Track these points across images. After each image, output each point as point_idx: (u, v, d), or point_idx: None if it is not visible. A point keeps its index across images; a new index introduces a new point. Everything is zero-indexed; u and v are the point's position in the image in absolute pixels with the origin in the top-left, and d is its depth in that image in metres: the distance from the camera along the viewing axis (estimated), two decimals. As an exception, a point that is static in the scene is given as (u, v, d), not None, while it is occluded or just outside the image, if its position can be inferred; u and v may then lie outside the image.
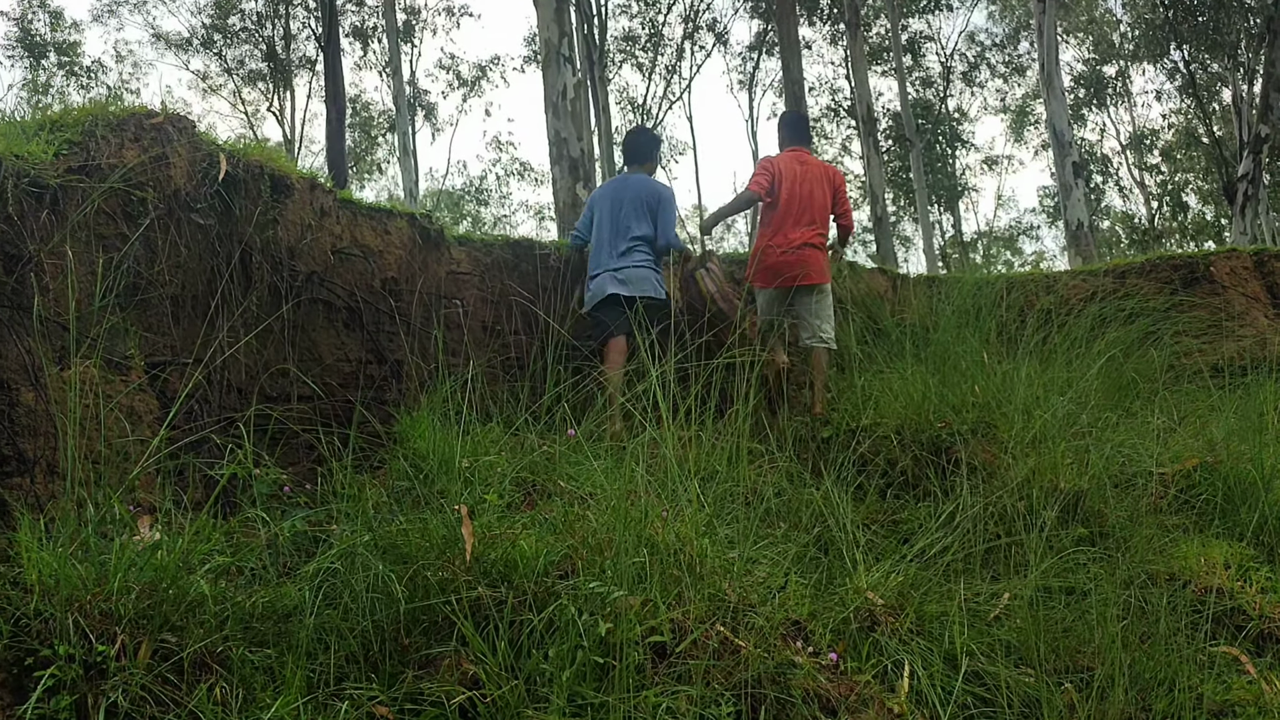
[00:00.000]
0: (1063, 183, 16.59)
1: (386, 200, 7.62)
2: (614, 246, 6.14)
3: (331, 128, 15.18)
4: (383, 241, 5.54)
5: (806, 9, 32.08)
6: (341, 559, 2.93)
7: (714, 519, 3.56)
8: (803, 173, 6.53)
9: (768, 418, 6.03)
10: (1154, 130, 40.02)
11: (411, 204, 23.54)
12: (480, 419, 4.90)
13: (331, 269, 5.22)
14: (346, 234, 5.35)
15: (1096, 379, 5.60)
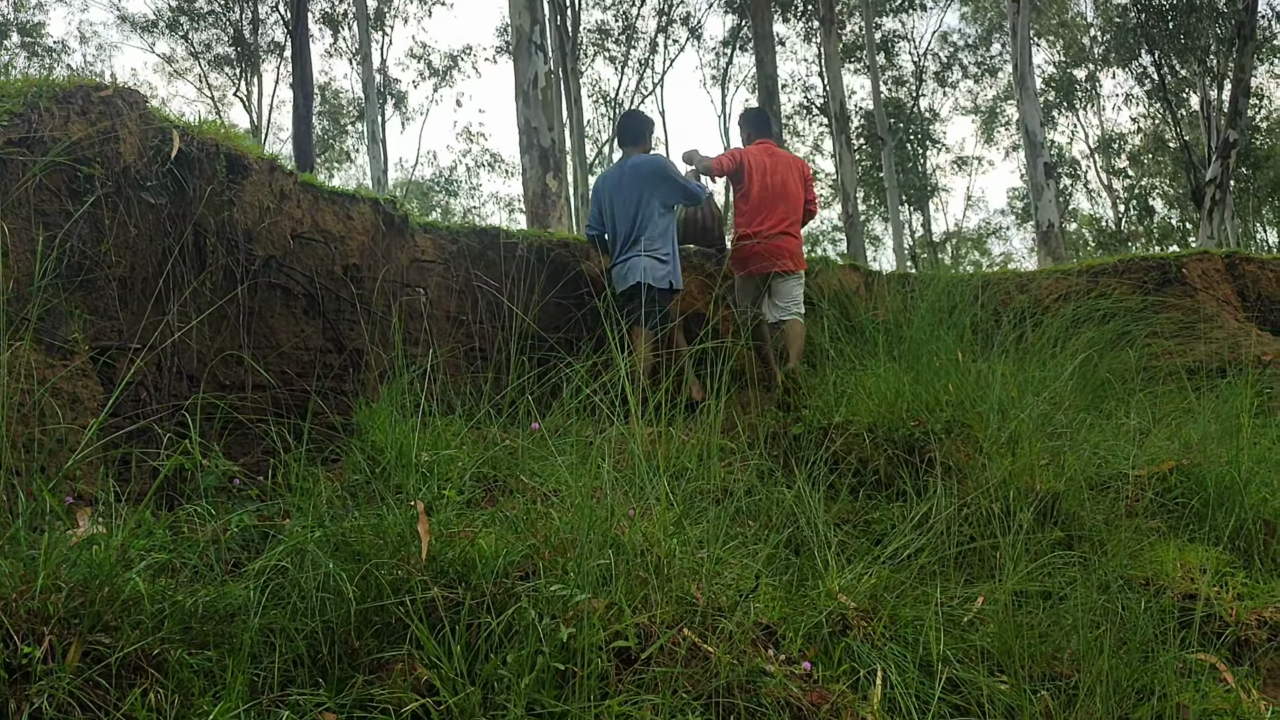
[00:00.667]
0: (1034, 183, 16.59)
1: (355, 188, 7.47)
2: (626, 236, 6.36)
3: (298, 112, 14.93)
4: (345, 227, 5.37)
5: (781, 5, 32.03)
6: (290, 556, 2.78)
7: (683, 518, 3.43)
8: (773, 164, 6.82)
9: (738, 414, 5.92)
10: (1122, 134, 40.37)
11: (379, 192, 23.27)
12: (442, 411, 4.76)
13: (291, 253, 5.04)
14: (308, 218, 5.17)
15: (1071, 379, 5.52)
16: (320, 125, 34.93)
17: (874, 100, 29.38)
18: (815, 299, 7.15)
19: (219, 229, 4.39)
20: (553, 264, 6.42)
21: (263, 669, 2.48)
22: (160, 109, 4.22)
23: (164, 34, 29.17)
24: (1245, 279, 8.66)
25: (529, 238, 6.35)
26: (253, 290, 4.80)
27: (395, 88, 32.43)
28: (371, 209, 5.50)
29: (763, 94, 15.84)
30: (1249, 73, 18.96)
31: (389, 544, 2.82)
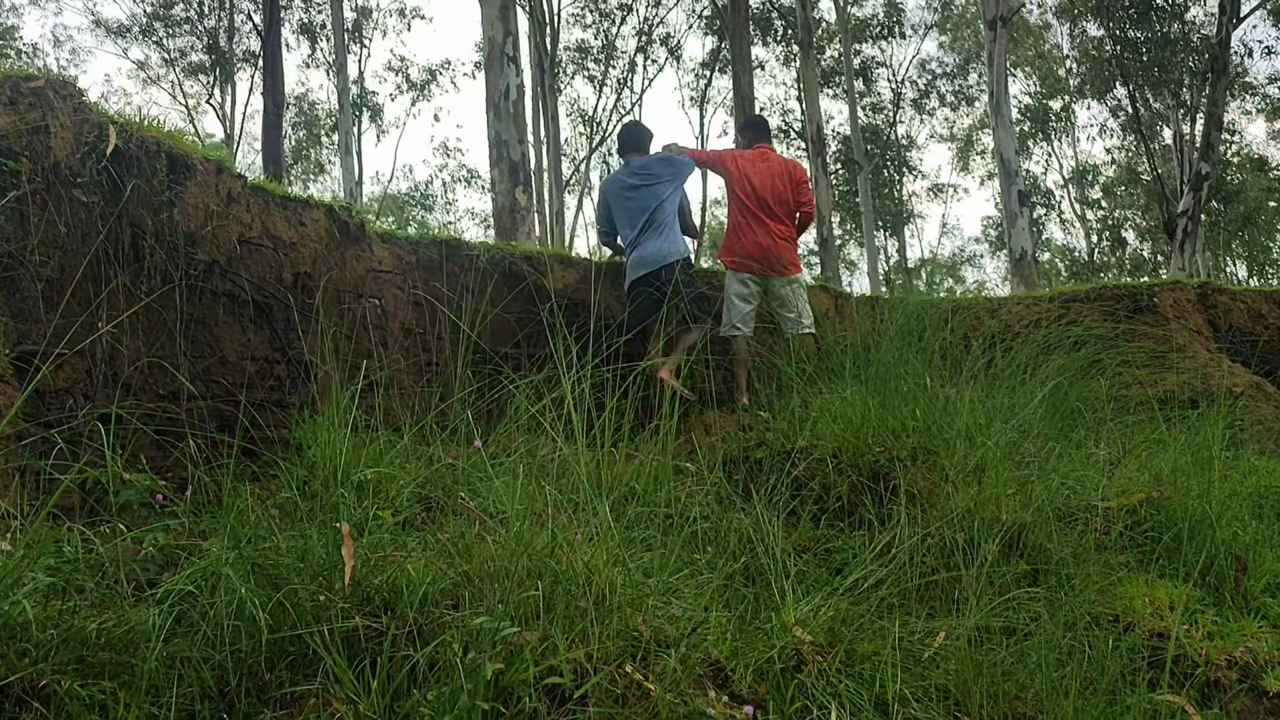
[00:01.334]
0: (1008, 210, 16.58)
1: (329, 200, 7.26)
2: (642, 226, 6.57)
3: (268, 119, 14.72)
4: (297, 233, 5.18)
5: (760, 28, 32.11)
6: (203, 579, 2.58)
7: (629, 544, 3.26)
8: (765, 169, 6.83)
9: (700, 434, 5.76)
10: (1096, 166, 40.69)
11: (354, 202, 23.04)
12: (390, 426, 4.58)
13: (238, 259, 4.84)
14: (257, 223, 4.98)
15: (1041, 407, 5.39)
16: (296, 136, 34.69)
17: (851, 125, 29.44)
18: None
19: (158, 231, 4.19)
20: (513, 277, 6.25)
21: (162, 703, 2.28)
22: (98, 104, 4.04)
23: (138, 40, 28.87)
24: (1217, 310, 8.59)
25: (489, 250, 6.18)
26: (196, 296, 4.60)
27: (371, 100, 32.23)
28: (326, 216, 5.32)
29: (739, 114, 15.76)
30: (1221, 106, 19.07)
31: (311, 568, 2.64)
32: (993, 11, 16.52)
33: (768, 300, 6.75)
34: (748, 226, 6.72)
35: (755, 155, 6.94)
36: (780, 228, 6.72)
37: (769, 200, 6.72)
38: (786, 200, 6.78)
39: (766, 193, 6.72)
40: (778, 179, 6.78)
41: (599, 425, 4.12)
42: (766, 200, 6.72)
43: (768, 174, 6.79)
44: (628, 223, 6.67)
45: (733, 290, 6.72)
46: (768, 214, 6.71)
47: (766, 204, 6.72)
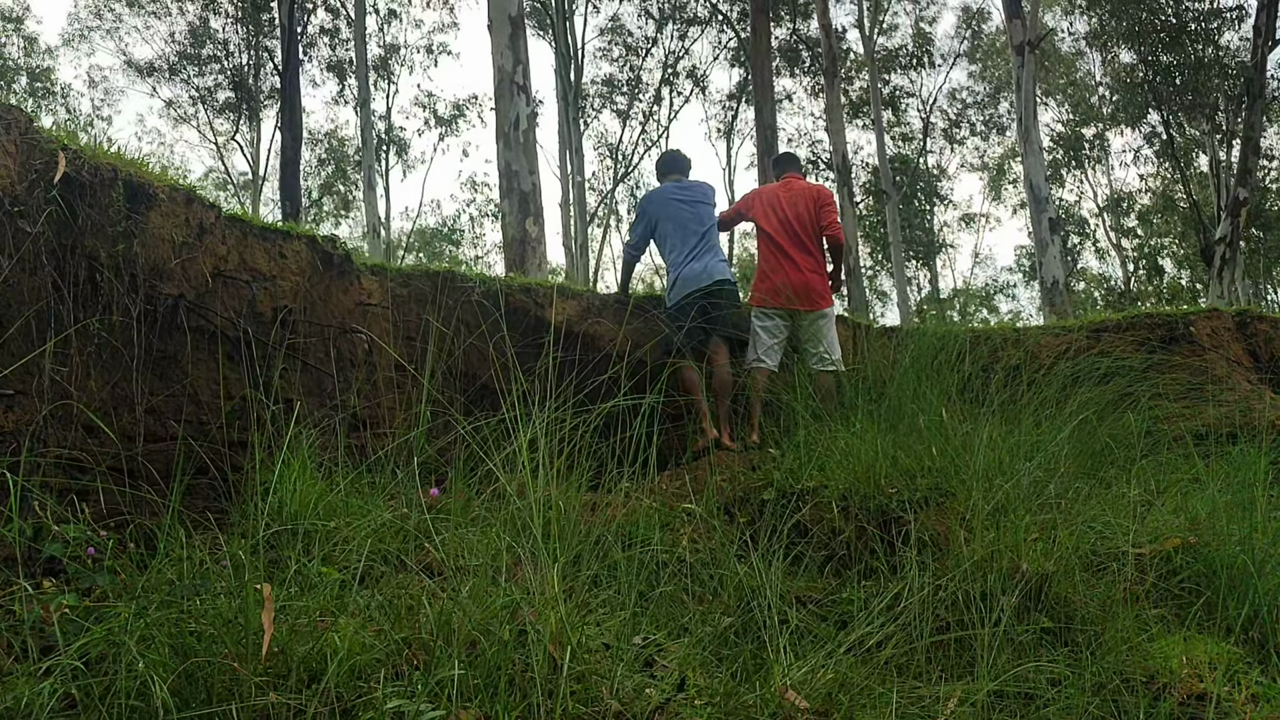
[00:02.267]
0: (1039, 239, 16.20)
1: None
2: (695, 243, 6.36)
3: (286, 155, 14.63)
4: (277, 266, 4.95)
5: (787, 60, 31.97)
6: (107, 647, 2.31)
7: (596, 600, 2.96)
8: (788, 196, 6.64)
9: (708, 472, 5.47)
10: (1131, 193, 40.11)
11: (376, 241, 22.97)
12: (368, 469, 4.31)
13: (210, 293, 4.61)
14: (234, 255, 4.75)
15: (1067, 443, 5.05)
16: (324, 173, 34.85)
17: (879, 155, 29.15)
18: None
19: (115, 263, 3.96)
20: (511, 310, 5.99)
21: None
22: (49, 130, 3.82)
23: (166, 79, 29.11)
24: (1257, 338, 8.18)
25: (486, 282, 5.92)
26: (166, 332, 4.37)
27: (398, 135, 32.31)
28: (308, 247, 5.08)
29: (761, 143, 15.53)
30: (1259, 131, 18.62)
31: (229, 635, 2.35)
32: (1020, 36, 16.22)
33: (795, 334, 6.50)
34: (776, 261, 6.51)
35: (779, 185, 6.78)
36: (808, 260, 6.47)
37: (794, 225, 6.52)
38: (811, 225, 6.54)
39: (791, 218, 6.53)
40: (801, 203, 6.58)
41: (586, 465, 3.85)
42: (791, 225, 6.52)
43: (790, 200, 6.60)
44: (678, 236, 6.41)
45: (759, 324, 6.45)
46: (795, 244, 6.49)
47: (793, 231, 6.51)
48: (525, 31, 9.65)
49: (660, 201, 6.52)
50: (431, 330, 5.60)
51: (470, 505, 3.71)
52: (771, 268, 6.50)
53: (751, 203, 6.76)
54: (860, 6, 30.55)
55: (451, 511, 3.50)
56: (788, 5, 29.90)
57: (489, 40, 9.70)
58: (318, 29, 27.73)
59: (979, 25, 36.15)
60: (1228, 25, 20.95)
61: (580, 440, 5.05)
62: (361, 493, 3.89)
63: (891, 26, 34.64)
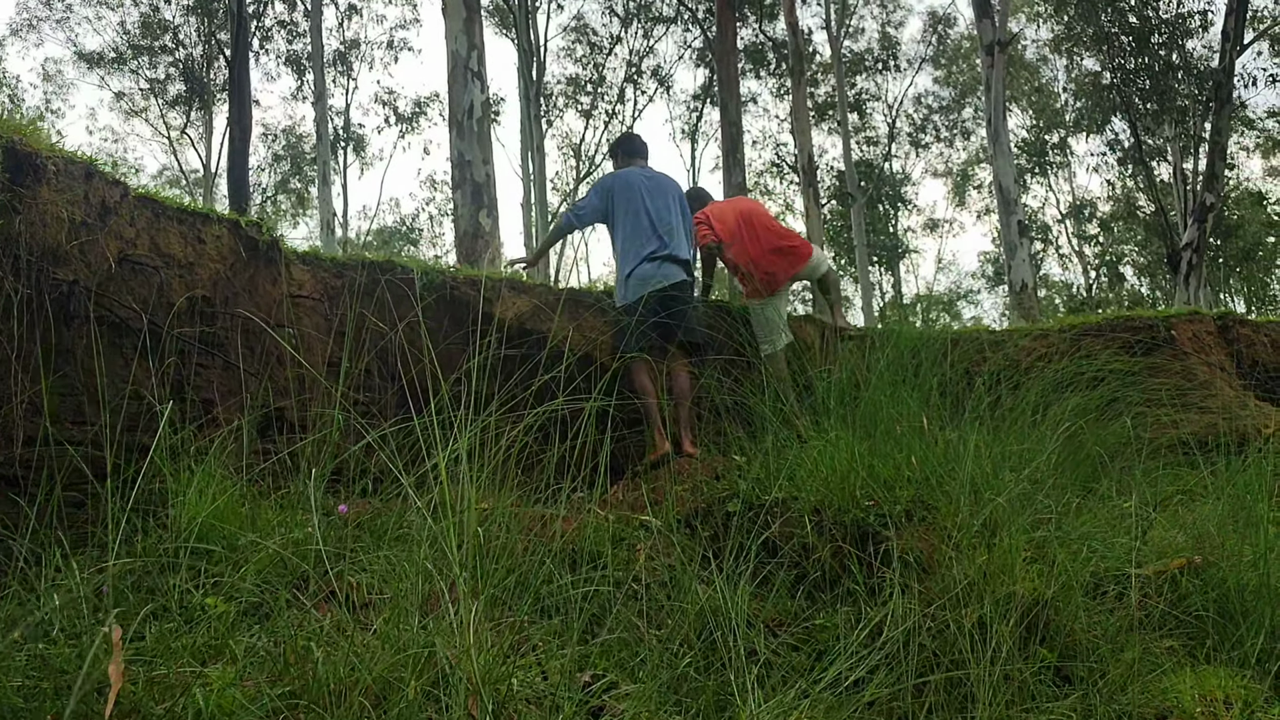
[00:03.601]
0: (1007, 242, 15.93)
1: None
2: (661, 238, 5.93)
3: (234, 147, 14.06)
4: (194, 251, 4.47)
5: (753, 61, 31.68)
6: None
7: (536, 633, 2.53)
8: (722, 209, 6.77)
9: (667, 484, 5.05)
10: (1093, 200, 40.23)
11: (330, 238, 22.37)
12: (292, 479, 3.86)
13: (116, 280, 4.13)
14: (144, 239, 4.27)
15: (1056, 453, 4.67)
16: (280, 169, 34.12)
17: (844, 158, 28.91)
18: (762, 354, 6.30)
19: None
20: (456, 304, 5.54)
21: None
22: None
23: (114, 69, 28.28)
24: (1239, 343, 7.89)
25: (428, 273, 5.47)
26: (59, 322, 3.88)
27: (355, 132, 31.63)
28: (230, 232, 4.61)
29: (726, 141, 15.15)
30: (1226, 135, 18.50)
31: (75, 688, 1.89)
32: (990, 36, 15.95)
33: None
34: (742, 250, 6.61)
35: (718, 204, 6.90)
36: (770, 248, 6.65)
37: (748, 228, 6.68)
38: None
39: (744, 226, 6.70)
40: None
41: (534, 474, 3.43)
42: (744, 229, 6.66)
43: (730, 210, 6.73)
44: (634, 230, 5.90)
45: (761, 315, 6.46)
46: (751, 237, 6.64)
47: (746, 232, 6.63)
48: (480, 15, 9.19)
49: (624, 187, 5.98)
50: (367, 325, 5.14)
51: (398, 520, 3.28)
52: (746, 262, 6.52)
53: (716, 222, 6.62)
54: (827, 8, 30.31)
55: (370, 529, 3.05)
56: (754, 5, 29.61)
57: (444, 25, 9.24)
58: (275, 22, 27.06)
59: (945, 30, 36.10)
60: (1193, 32, 20.86)
61: (527, 446, 4.62)
62: (280, 506, 3.43)
63: (858, 30, 34.48)
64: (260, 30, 26.20)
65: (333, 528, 3.20)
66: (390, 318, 5.28)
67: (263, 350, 4.74)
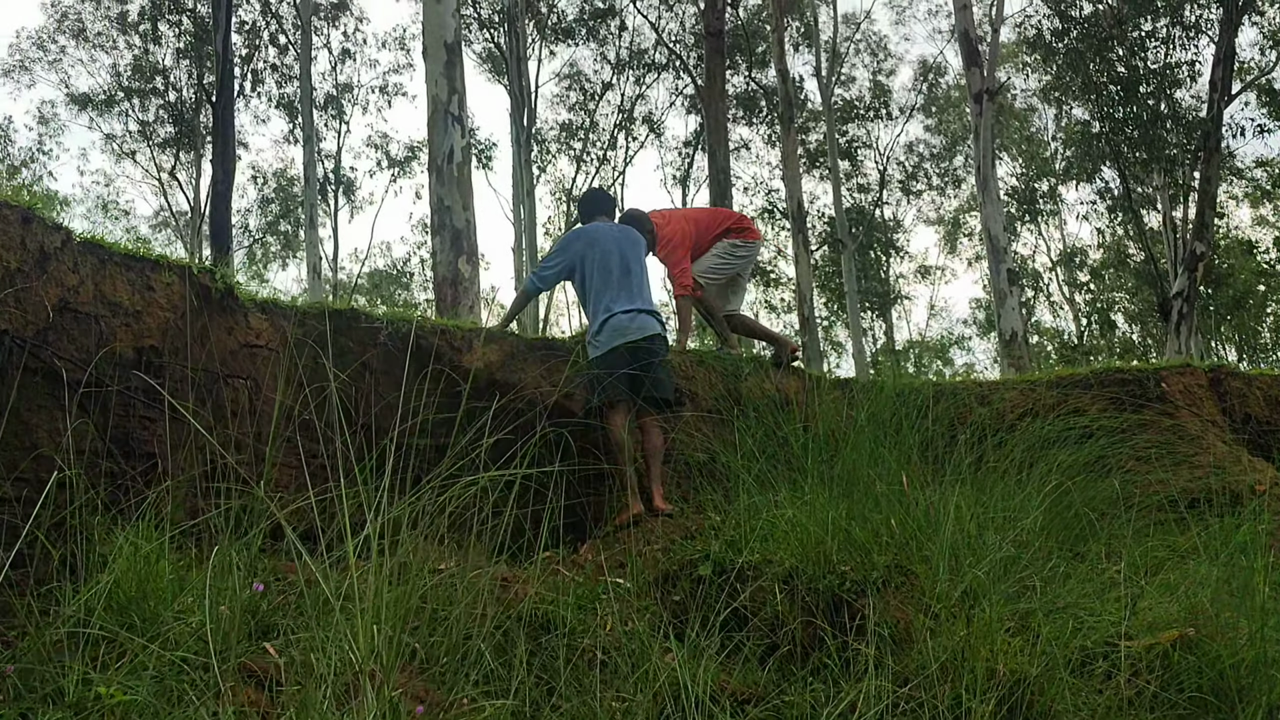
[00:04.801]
0: (997, 290, 15.83)
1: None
2: (631, 290, 5.84)
3: (217, 189, 13.92)
4: (142, 299, 4.29)
5: (745, 108, 31.81)
6: None
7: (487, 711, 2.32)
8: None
9: (637, 544, 4.85)
10: (1083, 248, 40.29)
11: (317, 281, 22.23)
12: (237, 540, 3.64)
13: (54, 329, 3.94)
14: (88, 286, 4.09)
15: (1041, 513, 4.48)
16: (270, 213, 34.07)
17: (835, 205, 28.93)
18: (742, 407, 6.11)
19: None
20: (424, 354, 5.35)
21: None
22: None
23: (105, 111, 28.26)
24: (1231, 396, 7.71)
25: (395, 321, 5.29)
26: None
27: (346, 176, 31.61)
28: (180, 279, 4.43)
29: (715, 186, 15.07)
30: (1215, 184, 18.50)
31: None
32: (978, 85, 15.96)
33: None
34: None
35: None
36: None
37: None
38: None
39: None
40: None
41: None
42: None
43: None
44: (604, 282, 5.80)
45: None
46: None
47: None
48: (461, 59, 9.10)
49: (589, 241, 5.89)
50: (329, 376, 4.94)
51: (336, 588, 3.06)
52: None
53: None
54: (818, 56, 30.47)
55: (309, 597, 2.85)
56: (745, 53, 29.76)
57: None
58: (267, 65, 27.11)
59: (935, 78, 36.30)
60: (1182, 82, 20.93)
61: (492, 503, 4.43)
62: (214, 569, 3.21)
63: (849, 78, 34.67)
64: (252, 73, 26.25)
65: (266, 596, 2.99)
66: (356, 368, 5.10)
67: (214, 402, 4.55)
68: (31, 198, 4.44)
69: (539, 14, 29.91)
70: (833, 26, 31.95)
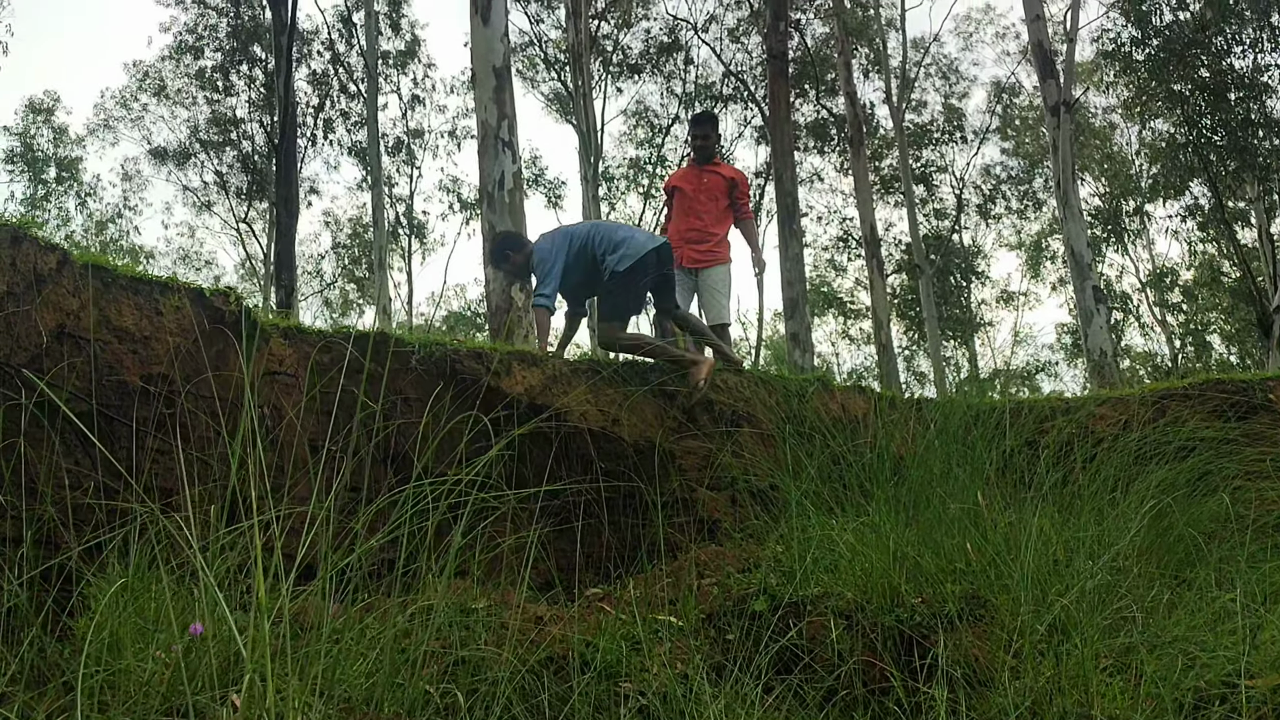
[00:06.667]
0: (1083, 309, 15.12)
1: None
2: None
3: (281, 227, 13.96)
4: (151, 325, 4.04)
5: (816, 137, 31.41)
6: None
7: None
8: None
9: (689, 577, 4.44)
10: (1173, 267, 38.91)
11: (386, 322, 22.27)
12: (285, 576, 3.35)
13: (54, 357, 3.70)
14: (91, 310, 3.85)
15: (1140, 537, 3.98)
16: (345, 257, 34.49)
17: (911, 231, 28.30)
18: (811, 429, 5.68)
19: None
20: (459, 380, 5.04)
21: None
22: None
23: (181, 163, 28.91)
24: (1346, 407, 7.05)
25: (427, 346, 4.99)
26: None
27: (418, 219, 31.85)
28: (193, 303, 4.18)
29: (782, 211, 14.67)
30: (1315, 192, 17.57)
31: None
32: (1055, 98, 15.36)
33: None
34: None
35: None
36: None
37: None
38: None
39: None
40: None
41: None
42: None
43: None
44: (611, 232, 6.34)
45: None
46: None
47: None
48: (510, 84, 8.87)
49: (564, 236, 6.34)
50: (357, 403, 4.65)
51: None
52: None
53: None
54: (888, 81, 29.95)
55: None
56: (813, 81, 29.39)
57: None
58: (338, 112, 27.48)
59: (1010, 99, 35.46)
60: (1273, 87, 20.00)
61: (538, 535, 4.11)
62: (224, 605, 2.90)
63: (920, 103, 34.05)
64: (323, 122, 26.62)
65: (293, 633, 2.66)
66: (385, 395, 4.80)
67: (230, 432, 4.27)
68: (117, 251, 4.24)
69: (604, 52, 29.93)
70: (902, 52, 31.41)
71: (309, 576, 3.64)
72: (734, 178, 7.76)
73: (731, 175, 7.78)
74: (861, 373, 39.32)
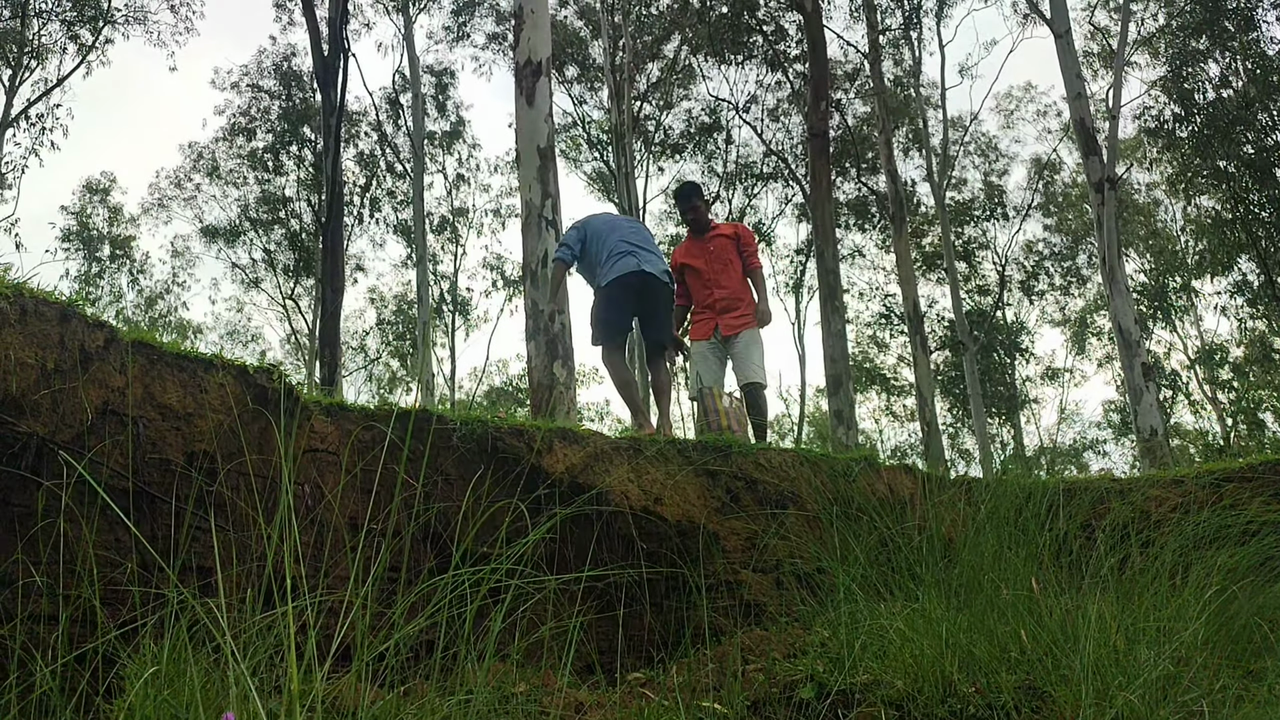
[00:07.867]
0: (1132, 386, 14.88)
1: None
2: (630, 243, 6.73)
3: (326, 306, 14.11)
4: (194, 402, 4.05)
5: (857, 214, 31.52)
6: None
7: None
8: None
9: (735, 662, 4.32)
10: (1223, 344, 38.35)
11: (429, 398, 22.37)
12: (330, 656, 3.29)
13: (98, 434, 3.71)
14: (136, 388, 3.87)
15: (1202, 624, 3.82)
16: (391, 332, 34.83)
17: (954, 307, 28.16)
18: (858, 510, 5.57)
19: (-69, 391, 3.08)
20: (500, 458, 5.00)
21: None
22: None
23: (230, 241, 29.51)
24: None
25: (468, 424, 4.96)
26: (21, 482, 3.45)
27: (461, 295, 32.18)
28: (236, 380, 4.19)
29: (824, 288, 14.64)
30: (1367, 268, 17.30)
31: None
32: (1098, 174, 15.31)
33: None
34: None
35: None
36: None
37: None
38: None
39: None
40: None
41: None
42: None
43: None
44: (614, 241, 6.67)
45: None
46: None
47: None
48: (555, 164, 8.97)
49: (599, 224, 6.81)
50: (398, 482, 4.62)
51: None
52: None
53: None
54: (929, 160, 30.09)
55: None
56: (854, 159, 29.59)
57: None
58: (384, 192, 27.98)
59: (1050, 175, 35.48)
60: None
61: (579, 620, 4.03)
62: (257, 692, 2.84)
63: (960, 180, 34.18)
64: (370, 201, 27.09)
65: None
66: (427, 474, 4.77)
67: (272, 511, 4.25)
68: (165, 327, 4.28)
69: (646, 132, 30.36)
70: (942, 130, 31.60)
71: (347, 659, 3.58)
72: (736, 232, 7.69)
73: (733, 231, 7.70)
74: (905, 450, 38.92)
